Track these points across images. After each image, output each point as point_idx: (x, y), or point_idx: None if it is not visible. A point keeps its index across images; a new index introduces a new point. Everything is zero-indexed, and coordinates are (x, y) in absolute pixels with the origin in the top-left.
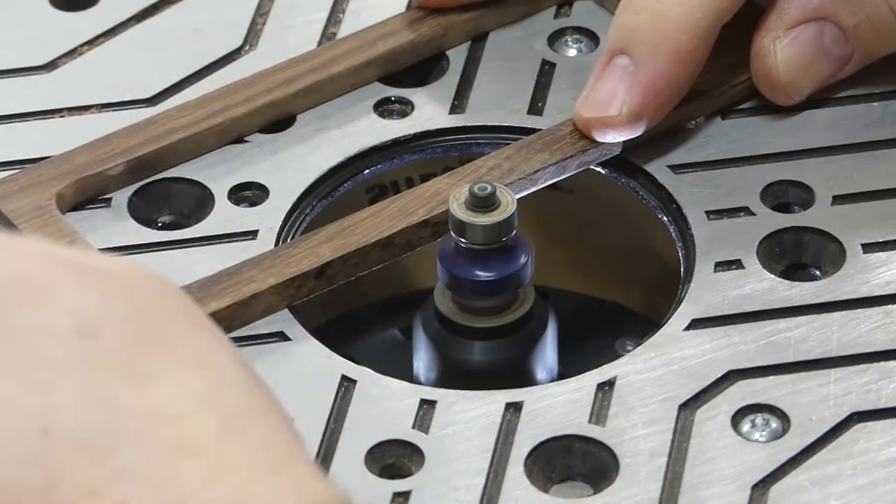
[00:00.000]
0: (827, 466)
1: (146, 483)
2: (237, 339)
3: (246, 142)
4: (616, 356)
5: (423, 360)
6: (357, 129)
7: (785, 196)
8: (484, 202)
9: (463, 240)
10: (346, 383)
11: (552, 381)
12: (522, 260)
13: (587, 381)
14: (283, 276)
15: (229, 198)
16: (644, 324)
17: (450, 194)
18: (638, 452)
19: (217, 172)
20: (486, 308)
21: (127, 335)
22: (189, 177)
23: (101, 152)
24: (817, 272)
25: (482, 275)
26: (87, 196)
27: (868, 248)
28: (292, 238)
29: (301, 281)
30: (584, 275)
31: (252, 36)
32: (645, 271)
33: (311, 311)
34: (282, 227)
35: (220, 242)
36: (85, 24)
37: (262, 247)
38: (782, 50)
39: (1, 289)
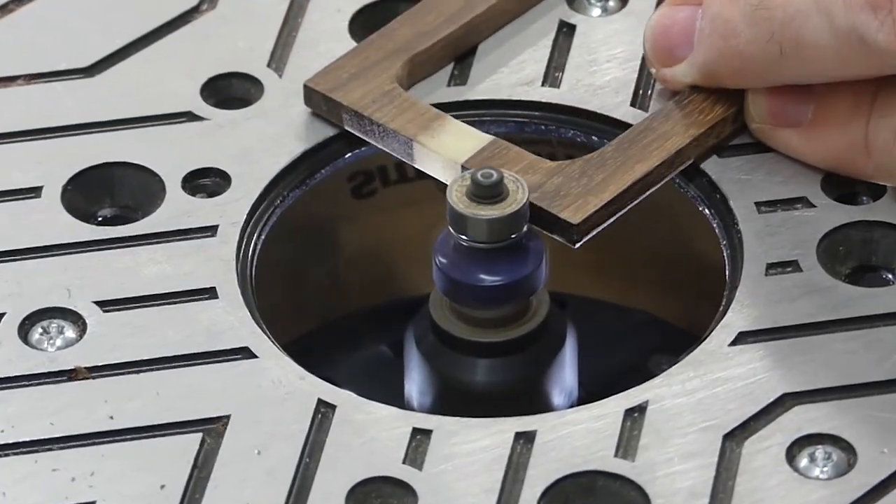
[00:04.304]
0: None
1: None
2: (197, 356)
3: (204, 119)
4: (648, 376)
5: (416, 382)
6: None
7: (851, 184)
8: (489, 192)
9: (464, 237)
10: (324, 409)
11: (571, 406)
12: (535, 262)
13: (613, 407)
14: (704, 125)
15: (183, 187)
16: (682, 338)
17: None
18: (674, 492)
19: (168, 156)
20: (491, 319)
21: None
22: (135, 161)
23: (423, 23)
24: (889, 276)
25: (487, 279)
26: (417, 76)
27: None
28: (258, 236)
29: (721, 128)
30: (610, 279)
31: None
32: (683, 275)
33: (282, 323)
34: (246, 223)
35: (171, 240)
36: None
37: (222, 245)
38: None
39: None
